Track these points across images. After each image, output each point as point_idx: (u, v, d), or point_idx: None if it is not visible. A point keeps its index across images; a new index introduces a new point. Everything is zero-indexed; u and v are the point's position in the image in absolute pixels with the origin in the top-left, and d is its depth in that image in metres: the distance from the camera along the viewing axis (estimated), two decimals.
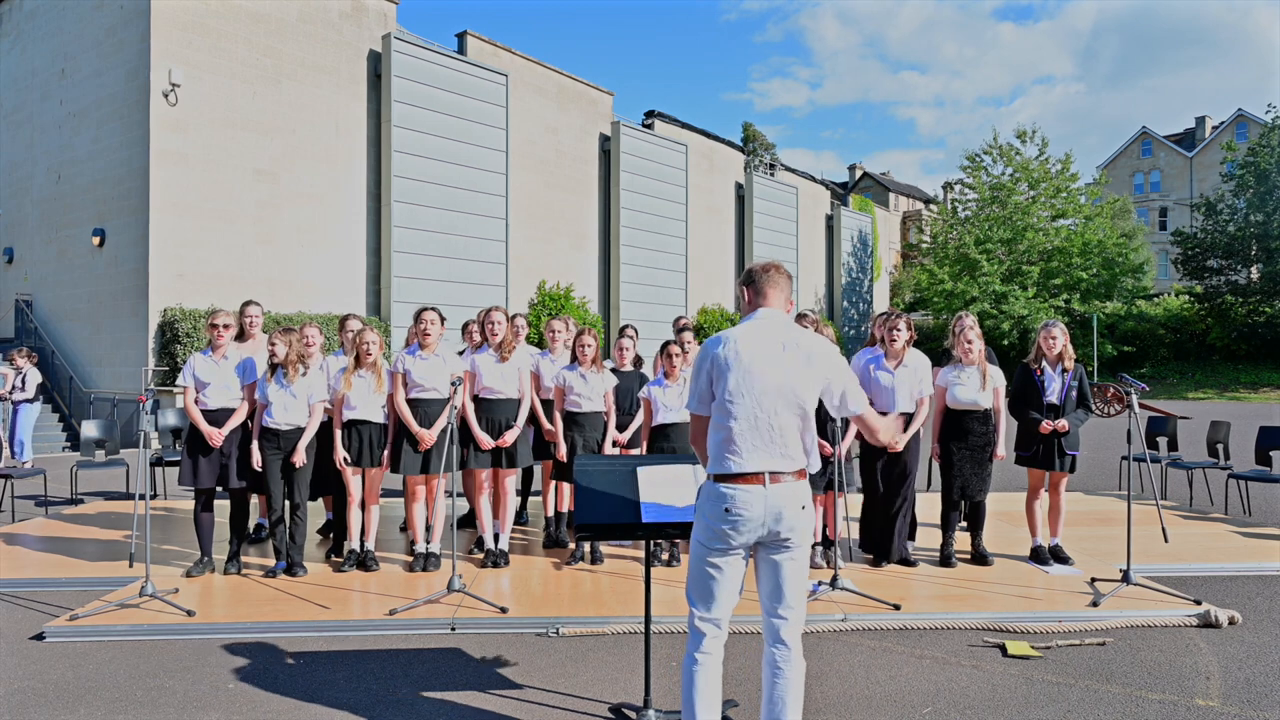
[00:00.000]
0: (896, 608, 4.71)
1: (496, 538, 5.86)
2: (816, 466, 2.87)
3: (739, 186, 29.62)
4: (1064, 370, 5.68)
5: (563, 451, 5.83)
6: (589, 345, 5.85)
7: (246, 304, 6.55)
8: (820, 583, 5.03)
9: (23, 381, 10.88)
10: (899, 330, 5.60)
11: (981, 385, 5.63)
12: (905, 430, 5.56)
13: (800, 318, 6.25)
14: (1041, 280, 33.50)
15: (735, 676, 3.87)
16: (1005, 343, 31.42)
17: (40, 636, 4.50)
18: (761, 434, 2.74)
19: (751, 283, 2.97)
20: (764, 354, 2.79)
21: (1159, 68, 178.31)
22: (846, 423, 5.57)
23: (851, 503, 6.38)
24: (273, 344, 5.51)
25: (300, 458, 5.48)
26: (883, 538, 5.72)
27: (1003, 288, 32.98)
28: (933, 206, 49.74)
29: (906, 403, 5.58)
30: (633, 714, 3.48)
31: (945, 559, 5.68)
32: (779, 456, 2.75)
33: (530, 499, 7.67)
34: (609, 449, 5.92)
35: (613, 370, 6.17)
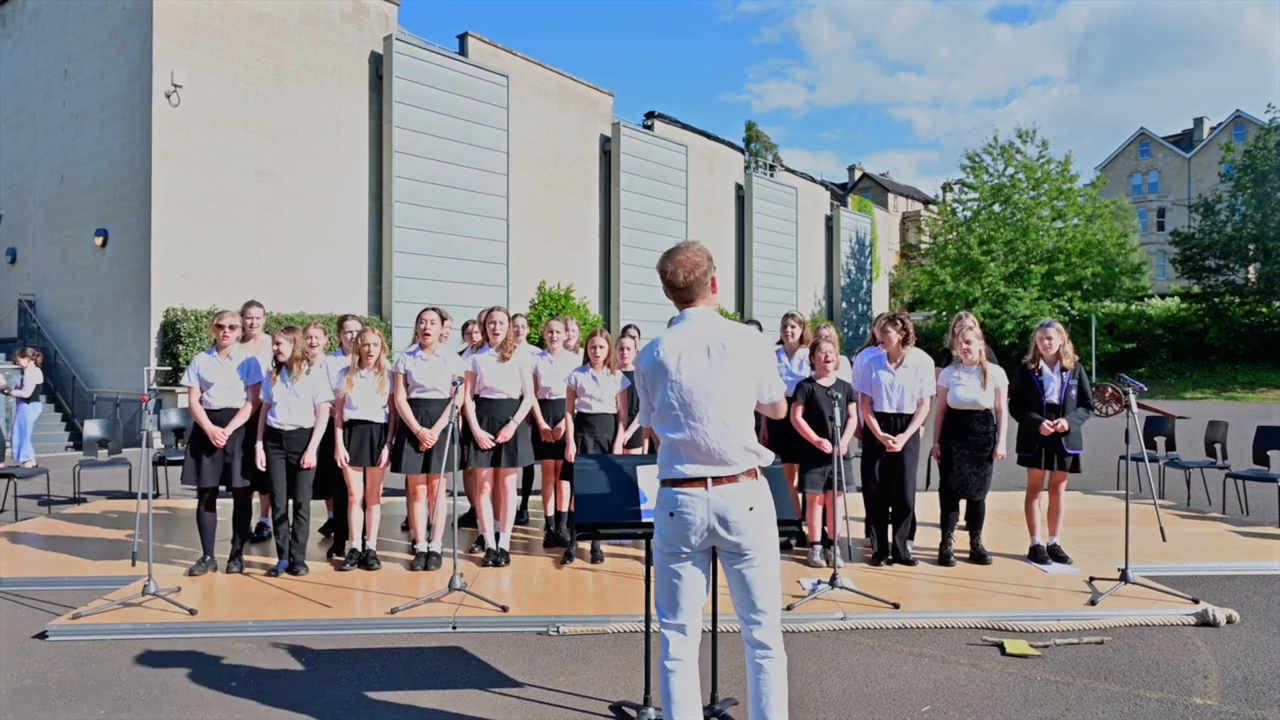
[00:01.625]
0: (896, 606, 4.73)
1: (497, 537, 5.88)
2: (769, 459, 2.82)
3: (739, 187, 29.65)
4: (1063, 370, 5.70)
5: (571, 452, 5.85)
6: (601, 347, 5.87)
7: (248, 304, 6.56)
8: (820, 582, 5.05)
9: (21, 380, 10.89)
10: (890, 331, 5.63)
11: (982, 385, 5.65)
12: (905, 430, 5.59)
13: (788, 318, 6.27)
14: (1044, 280, 33.53)
15: (736, 675, 3.89)
16: (1006, 342, 31.43)
17: (43, 635, 4.52)
18: (698, 444, 2.72)
19: (667, 287, 2.84)
20: (693, 363, 2.74)
21: (1152, 68, 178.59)
22: (846, 422, 5.60)
23: (851, 502, 6.40)
24: (277, 343, 5.54)
25: (310, 460, 5.51)
26: (881, 536, 5.75)
27: (1006, 289, 33.00)
28: (932, 207, 49.77)
29: (908, 403, 5.60)
30: (633, 712, 3.51)
31: (944, 558, 5.70)
32: (719, 463, 2.72)
33: (530, 498, 7.69)
34: (619, 450, 5.93)
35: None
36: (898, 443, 5.52)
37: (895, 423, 5.61)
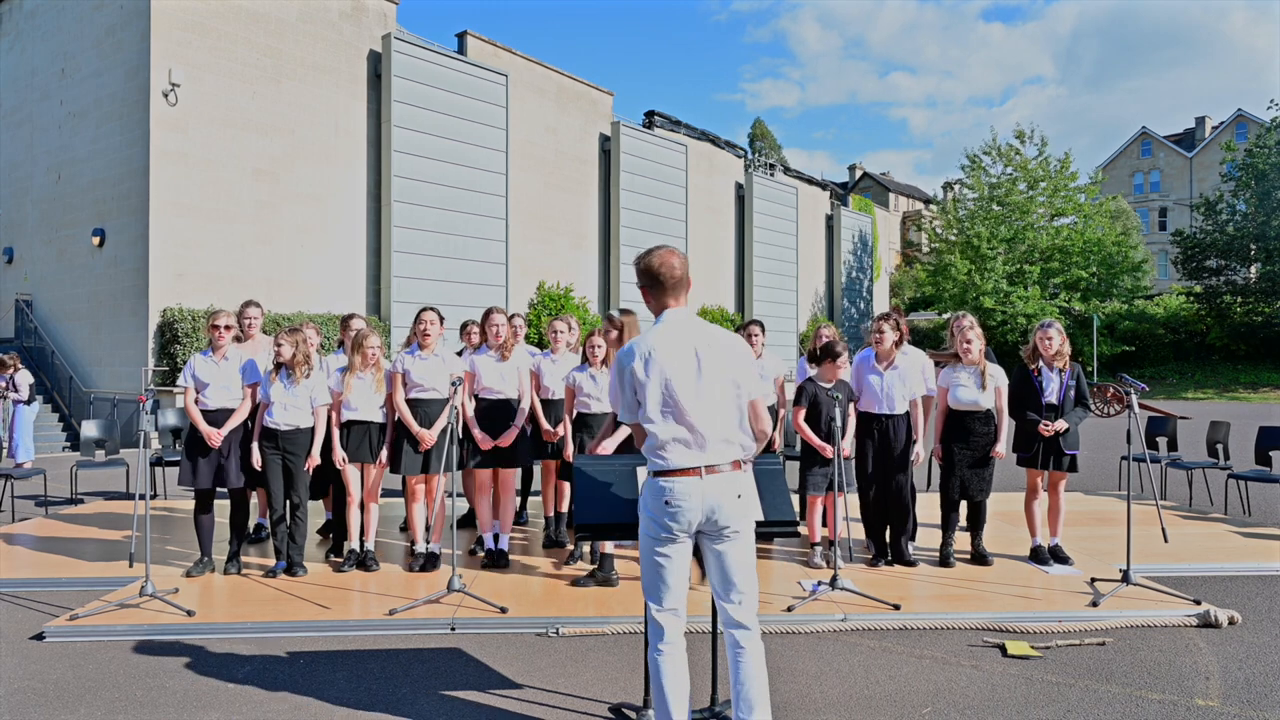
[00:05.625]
0: (896, 608, 4.71)
1: (496, 538, 5.86)
2: (753, 452, 2.97)
3: (739, 186, 29.62)
4: (1061, 370, 5.68)
5: (569, 451, 5.82)
6: (599, 346, 5.85)
7: (246, 304, 6.53)
8: (820, 583, 5.03)
9: (15, 384, 10.90)
10: (884, 331, 5.62)
11: (982, 385, 5.63)
12: (896, 431, 5.57)
13: (751, 323, 6.27)
14: (1041, 280, 33.50)
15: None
16: (1011, 339, 31.39)
17: (40, 636, 4.50)
18: (690, 438, 2.86)
19: (655, 284, 2.98)
20: (680, 362, 2.88)
21: (1141, 70, 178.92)
22: (846, 423, 5.58)
23: (852, 503, 6.39)
24: (279, 344, 5.50)
25: (314, 461, 5.50)
26: (880, 538, 5.73)
27: (1009, 287, 32.97)
28: (933, 207, 49.71)
29: (899, 404, 5.60)
30: (632, 714, 3.49)
31: (945, 559, 5.68)
32: (709, 454, 2.86)
33: (530, 499, 7.67)
34: (613, 447, 5.90)
35: None
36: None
37: (886, 424, 5.60)
